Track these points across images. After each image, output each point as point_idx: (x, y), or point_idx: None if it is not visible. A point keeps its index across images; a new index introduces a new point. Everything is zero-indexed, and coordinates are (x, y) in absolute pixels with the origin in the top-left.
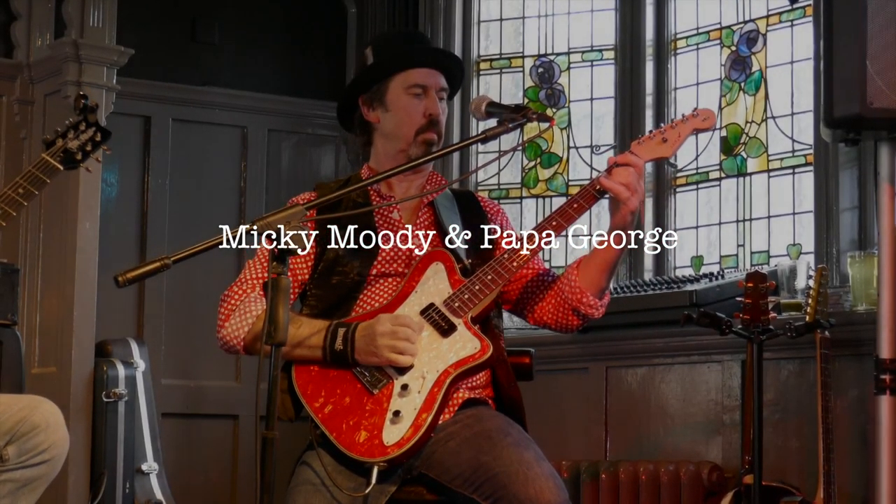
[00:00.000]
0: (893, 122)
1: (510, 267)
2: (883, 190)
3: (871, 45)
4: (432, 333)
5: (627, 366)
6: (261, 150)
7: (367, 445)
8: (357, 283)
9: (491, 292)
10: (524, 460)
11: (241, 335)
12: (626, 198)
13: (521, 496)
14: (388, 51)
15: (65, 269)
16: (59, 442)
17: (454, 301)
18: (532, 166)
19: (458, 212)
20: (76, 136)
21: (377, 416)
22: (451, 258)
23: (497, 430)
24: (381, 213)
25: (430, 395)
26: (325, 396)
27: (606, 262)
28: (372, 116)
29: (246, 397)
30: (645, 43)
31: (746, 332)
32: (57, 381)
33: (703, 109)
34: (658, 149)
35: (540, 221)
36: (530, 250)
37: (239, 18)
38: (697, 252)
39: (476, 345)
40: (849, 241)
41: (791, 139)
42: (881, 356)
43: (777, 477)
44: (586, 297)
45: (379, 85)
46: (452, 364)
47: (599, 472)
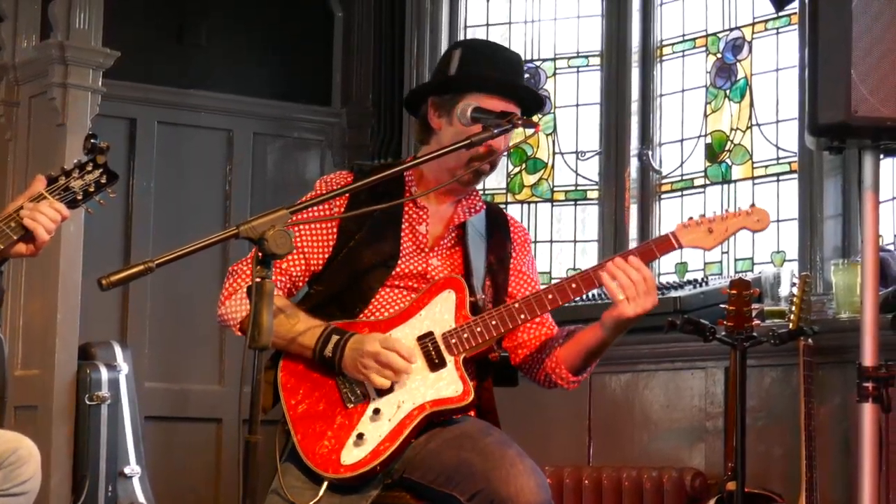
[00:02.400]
0: (877, 131)
1: (517, 318)
2: (866, 198)
3: (856, 54)
4: (422, 363)
5: (611, 372)
6: (246, 154)
7: (323, 458)
8: (369, 285)
9: (491, 338)
10: (507, 456)
11: (239, 318)
12: (620, 301)
13: (501, 493)
14: (472, 66)
15: (49, 272)
16: (36, 477)
17: (452, 337)
18: (517, 172)
19: (486, 236)
20: (81, 175)
21: (344, 431)
22: (464, 289)
23: (478, 430)
24: (408, 223)
25: (398, 426)
26: (303, 394)
27: (586, 348)
28: (436, 122)
29: (229, 401)
30: (631, 49)
31: (730, 339)
32: (40, 384)
33: (758, 209)
34: (702, 239)
35: (560, 281)
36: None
37: (226, 22)
38: (682, 259)
39: (458, 388)
40: (832, 248)
41: (776, 147)
42: (864, 364)
43: (760, 484)
44: (561, 369)
45: (452, 96)
46: (430, 401)
47: (583, 478)
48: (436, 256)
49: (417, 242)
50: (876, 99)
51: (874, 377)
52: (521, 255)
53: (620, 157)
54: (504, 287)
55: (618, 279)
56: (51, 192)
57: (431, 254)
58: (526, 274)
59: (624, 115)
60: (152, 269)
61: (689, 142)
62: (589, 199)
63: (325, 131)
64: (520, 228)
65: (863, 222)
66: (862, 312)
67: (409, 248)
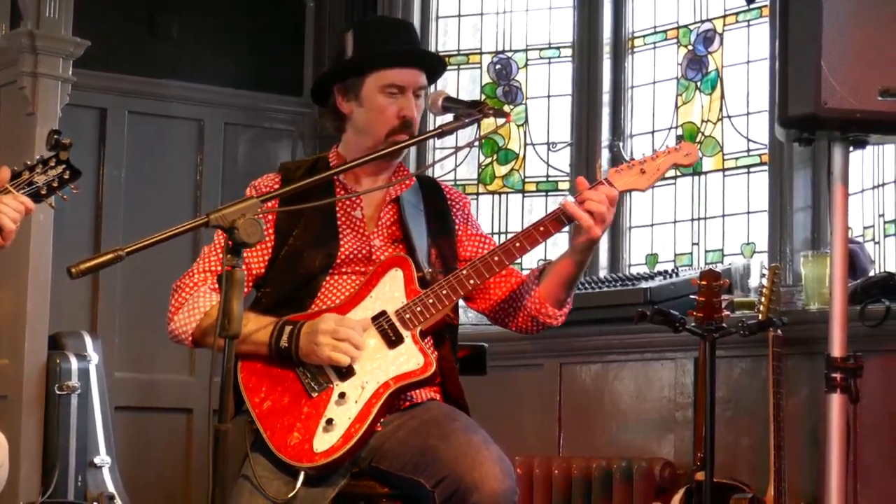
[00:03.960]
0: (847, 123)
1: (467, 285)
2: (836, 190)
3: (826, 46)
4: (379, 342)
5: (581, 362)
6: (217, 144)
7: (297, 449)
8: (315, 278)
9: (444, 308)
10: (472, 443)
11: (190, 330)
12: (589, 226)
13: (466, 479)
14: (367, 45)
15: (18, 261)
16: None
17: (406, 312)
18: (489, 162)
19: (423, 207)
20: (44, 171)
21: (312, 420)
22: (410, 266)
23: (444, 416)
24: (343, 210)
25: (366, 406)
26: (265, 392)
27: (564, 277)
28: (345, 107)
29: (199, 391)
30: (602, 41)
31: (699, 330)
32: (10, 373)
33: (686, 144)
34: (635, 180)
35: (503, 242)
36: (490, 272)
37: (197, 12)
38: (652, 250)
39: (419, 360)
40: (802, 240)
41: (746, 139)
42: (832, 354)
43: (728, 474)
44: (546, 307)
45: (355, 78)
46: (393, 377)
47: (552, 468)
48: (377, 237)
49: (355, 228)
50: (845, 91)
51: (843, 368)
52: (464, 219)
53: (591, 149)
54: (452, 254)
55: (586, 207)
56: (15, 186)
57: (372, 236)
58: (477, 236)
59: (595, 107)
60: (122, 258)
61: (660, 133)
62: (560, 190)
63: (296, 121)
64: (455, 193)
65: (832, 214)
66: (831, 304)
67: (347, 234)
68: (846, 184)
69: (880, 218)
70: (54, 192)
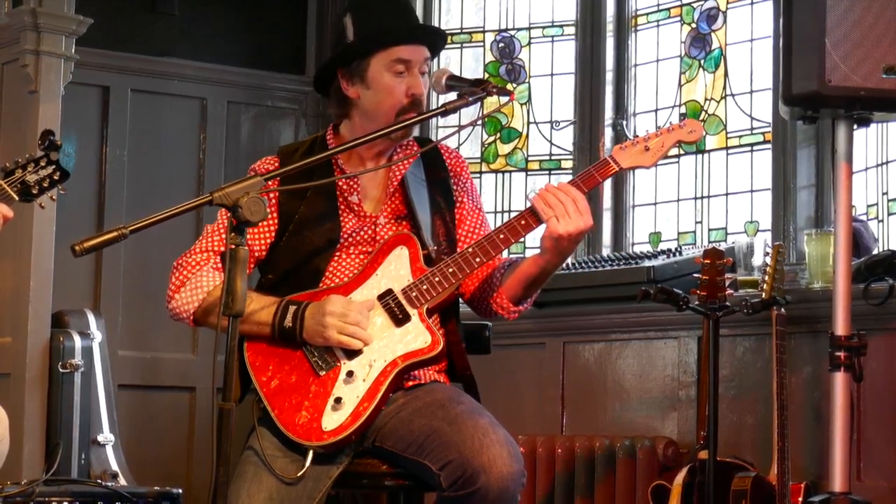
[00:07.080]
0: (851, 100)
1: (473, 263)
2: (840, 168)
3: (830, 23)
4: (386, 321)
5: (584, 341)
6: (220, 122)
7: (305, 428)
8: (320, 258)
9: (450, 286)
10: (479, 426)
11: (192, 309)
12: (548, 218)
13: (474, 463)
14: (368, 25)
15: (21, 239)
16: (4, 441)
17: (412, 290)
18: (492, 141)
19: (426, 179)
20: (35, 170)
21: (320, 399)
22: (416, 243)
23: (449, 399)
24: (342, 196)
25: (374, 385)
26: (272, 370)
27: (525, 276)
28: (351, 92)
29: (202, 369)
30: (606, 19)
31: (703, 309)
32: (13, 352)
33: (690, 121)
34: (640, 157)
35: (508, 219)
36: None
37: None
38: (655, 228)
39: (427, 338)
40: (805, 218)
41: (749, 117)
42: (836, 333)
43: (731, 452)
44: (503, 299)
45: (360, 61)
46: (401, 356)
47: (556, 447)
48: (383, 216)
49: (355, 212)
50: (849, 68)
51: (846, 346)
52: (463, 187)
53: (595, 127)
54: (454, 223)
55: (545, 200)
56: (8, 184)
57: (378, 217)
58: (475, 210)
59: (598, 85)
60: (126, 236)
61: (663, 112)
62: (563, 169)
63: (299, 100)
64: (455, 160)
65: (836, 192)
66: (834, 282)
67: (348, 217)
68: (850, 162)
69: (884, 196)
70: (44, 192)
